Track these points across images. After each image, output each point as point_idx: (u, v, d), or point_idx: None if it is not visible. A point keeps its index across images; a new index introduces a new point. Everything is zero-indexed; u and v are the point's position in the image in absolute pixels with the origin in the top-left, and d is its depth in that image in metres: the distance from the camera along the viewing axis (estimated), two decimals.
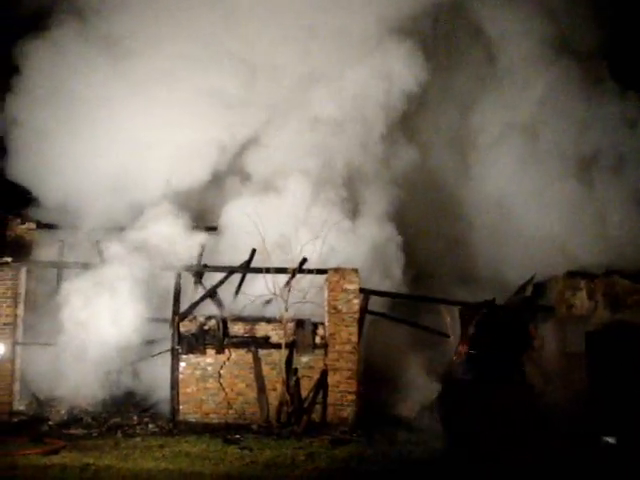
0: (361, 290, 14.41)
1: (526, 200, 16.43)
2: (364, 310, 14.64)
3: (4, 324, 13.63)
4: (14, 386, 13.78)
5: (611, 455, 11.60)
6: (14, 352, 13.71)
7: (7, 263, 13.80)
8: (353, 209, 15.73)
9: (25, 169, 14.71)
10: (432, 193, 17.03)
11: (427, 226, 16.60)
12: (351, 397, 13.93)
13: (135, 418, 13.77)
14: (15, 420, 13.50)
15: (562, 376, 14.53)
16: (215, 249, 15.01)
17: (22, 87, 14.97)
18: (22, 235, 14.76)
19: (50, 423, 13.32)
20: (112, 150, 14.65)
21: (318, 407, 13.95)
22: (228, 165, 15.73)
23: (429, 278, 16.01)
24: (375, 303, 14.87)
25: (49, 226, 15.01)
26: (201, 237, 14.67)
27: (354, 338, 14.14)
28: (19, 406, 13.85)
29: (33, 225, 14.91)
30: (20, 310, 13.95)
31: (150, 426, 13.47)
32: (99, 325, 14.13)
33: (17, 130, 14.87)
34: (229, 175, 15.92)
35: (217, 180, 15.79)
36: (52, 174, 14.52)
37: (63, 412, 13.60)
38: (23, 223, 14.83)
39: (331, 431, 13.25)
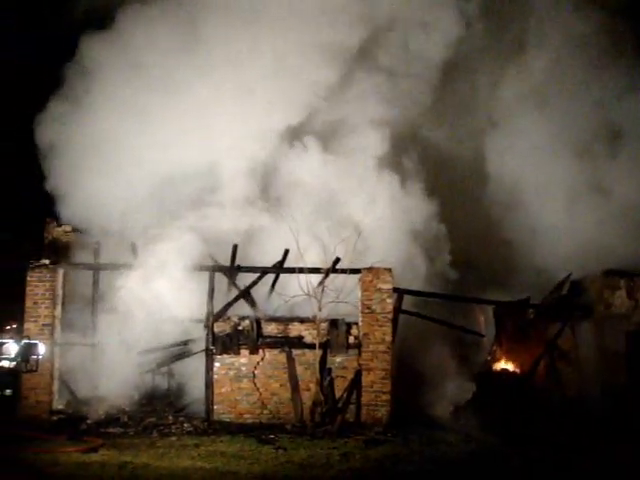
0: (395, 290, 14.36)
1: (562, 197, 16.20)
2: (398, 310, 14.60)
3: (43, 325, 13.83)
4: (53, 385, 14.00)
5: None
6: (53, 352, 13.91)
7: (45, 265, 14.03)
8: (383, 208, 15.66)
9: (62, 172, 14.95)
10: (465, 192, 16.86)
11: (461, 223, 16.43)
12: (385, 397, 13.88)
13: (170, 418, 13.89)
14: (55, 418, 13.74)
15: (600, 375, 14.32)
16: (248, 250, 15.05)
17: (66, 94, 15.21)
18: (59, 238, 15.01)
19: (88, 422, 13.52)
20: (149, 157, 14.77)
21: (352, 407, 13.93)
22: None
23: (463, 278, 15.86)
24: (408, 303, 14.81)
25: (85, 229, 15.21)
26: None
27: (388, 338, 14.08)
28: (58, 405, 14.09)
29: (69, 228, 15.15)
30: (58, 311, 14.15)
31: (185, 425, 13.59)
32: (135, 326, 14.37)
33: (58, 135, 15.08)
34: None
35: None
36: (90, 178, 14.73)
37: (100, 411, 13.78)
38: (59, 226, 15.08)
39: (365, 431, 13.23)
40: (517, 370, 16.53)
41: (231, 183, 15.11)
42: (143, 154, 14.71)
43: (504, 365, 16.51)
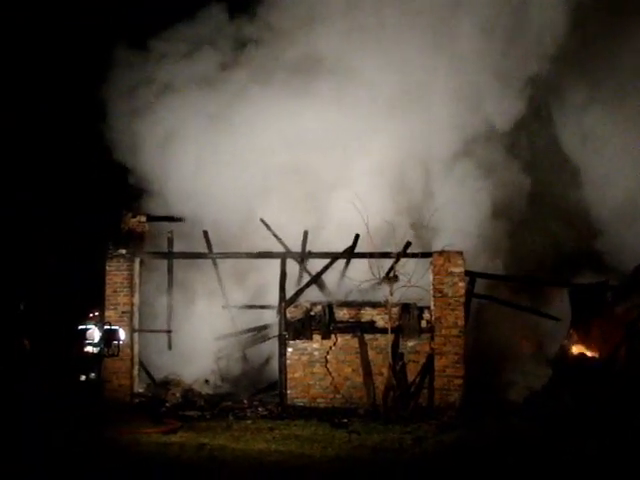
0: (467, 273, 14.18)
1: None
2: (470, 293, 14.43)
3: (122, 312, 14.31)
4: (133, 370, 14.50)
5: None
6: (132, 338, 14.39)
7: (122, 255, 14.50)
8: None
9: (143, 165, 15.37)
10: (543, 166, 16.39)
11: (537, 205, 16.02)
12: (458, 382, 13.76)
13: (245, 402, 14.19)
14: (136, 401, 14.28)
15: None
16: (318, 235, 15.12)
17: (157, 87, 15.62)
18: (134, 228, 15.43)
19: (167, 405, 13.98)
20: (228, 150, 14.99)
21: (425, 392, 13.87)
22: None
23: (537, 260, 15.50)
24: (481, 286, 14.60)
25: (159, 218, 15.61)
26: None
27: (460, 322, 13.94)
28: (139, 389, 14.60)
29: (144, 218, 15.58)
30: (136, 299, 14.62)
31: (260, 409, 13.86)
32: (209, 312, 14.73)
33: (143, 128, 15.47)
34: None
35: None
36: (172, 170, 15.12)
37: (178, 395, 14.22)
38: (135, 216, 15.51)
39: (438, 416, 13.16)
40: (596, 355, 16.06)
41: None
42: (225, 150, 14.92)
43: (582, 350, 16.07)
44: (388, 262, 13.97)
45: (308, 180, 15.15)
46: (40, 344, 13.20)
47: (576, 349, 16.18)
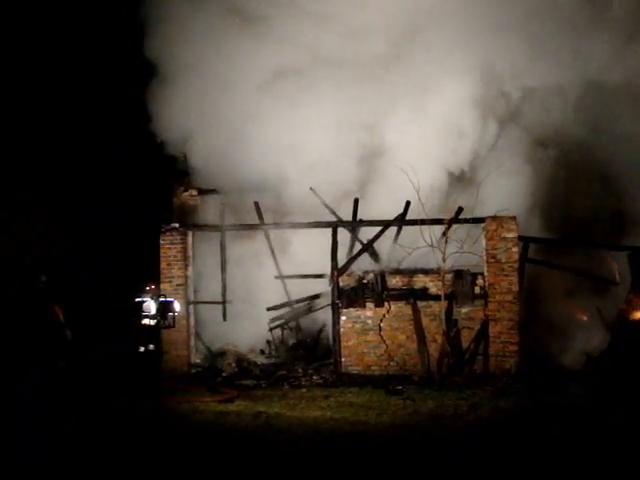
0: (520, 238, 13.96)
1: None
2: (524, 258, 14.21)
3: (177, 285, 14.55)
4: (190, 341, 14.78)
5: None
6: (187, 310, 14.65)
7: (175, 228, 14.71)
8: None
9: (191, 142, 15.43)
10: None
11: (586, 163, 15.51)
12: (513, 348, 13.64)
13: (300, 370, 14.33)
14: (193, 371, 14.57)
15: None
16: (370, 201, 15.00)
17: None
18: (186, 201, 15.62)
19: (224, 374, 14.22)
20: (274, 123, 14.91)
21: (479, 358, 13.79)
22: None
23: (592, 222, 15.06)
24: (535, 250, 14.35)
25: (210, 191, 15.69)
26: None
27: (515, 288, 13.77)
28: (195, 359, 14.89)
29: (195, 192, 15.73)
30: (190, 271, 14.84)
31: (314, 378, 13.98)
32: (262, 282, 14.87)
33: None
34: None
35: None
36: (219, 143, 15.05)
37: (234, 364, 14.45)
38: (186, 190, 15.68)
39: (493, 382, 13.08)
40: None
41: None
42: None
43: None
44: (440, 228, 13.84)
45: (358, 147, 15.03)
46: (75, 315, 13.44)
47: (636, 314, 15.80)
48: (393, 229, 14.67)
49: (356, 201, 14.74)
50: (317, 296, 14.95)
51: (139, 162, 17.04)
